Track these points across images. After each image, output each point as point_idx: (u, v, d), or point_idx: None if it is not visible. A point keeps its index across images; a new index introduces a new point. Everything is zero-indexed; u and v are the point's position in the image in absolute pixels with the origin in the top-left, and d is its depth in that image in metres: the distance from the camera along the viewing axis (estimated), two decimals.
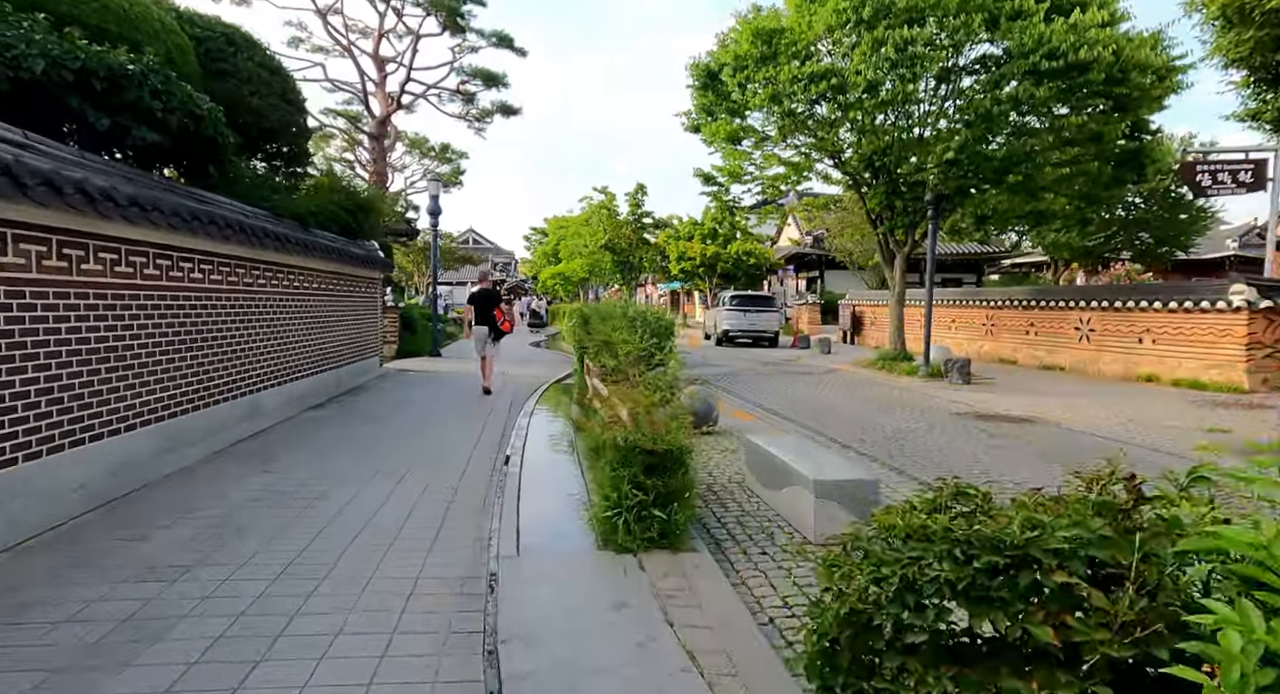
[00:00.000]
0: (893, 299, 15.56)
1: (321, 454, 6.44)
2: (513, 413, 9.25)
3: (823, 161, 15.49)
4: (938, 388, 12.39)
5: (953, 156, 11.51)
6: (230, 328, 7.15)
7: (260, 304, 7.91)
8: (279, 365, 8.46)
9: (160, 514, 4.60)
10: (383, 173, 18.79)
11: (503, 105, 19.67)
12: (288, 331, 8.75)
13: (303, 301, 9.27)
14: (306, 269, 9.32)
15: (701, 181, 16.99)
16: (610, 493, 4.37)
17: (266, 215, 8.50)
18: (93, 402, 4.97)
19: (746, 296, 24.63)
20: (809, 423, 8.81)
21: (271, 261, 8.16)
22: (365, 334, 12.54)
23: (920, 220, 14.65)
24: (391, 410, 9.09)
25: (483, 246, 68.17)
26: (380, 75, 18.34)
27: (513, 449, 7.05)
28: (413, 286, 43.21)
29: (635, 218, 28.86)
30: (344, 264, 10.76)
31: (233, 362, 7.18)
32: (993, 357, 16.36)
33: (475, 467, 6.20)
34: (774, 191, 16.04)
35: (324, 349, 10.15)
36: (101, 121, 5.61)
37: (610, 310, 11.08)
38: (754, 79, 13.21)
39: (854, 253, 29.92)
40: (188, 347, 6.27)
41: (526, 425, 8.44)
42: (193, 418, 6.32)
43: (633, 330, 7.67)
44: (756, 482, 5.61)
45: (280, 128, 9.98)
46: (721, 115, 15.33)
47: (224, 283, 7.01)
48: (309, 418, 8.29)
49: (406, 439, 7.28)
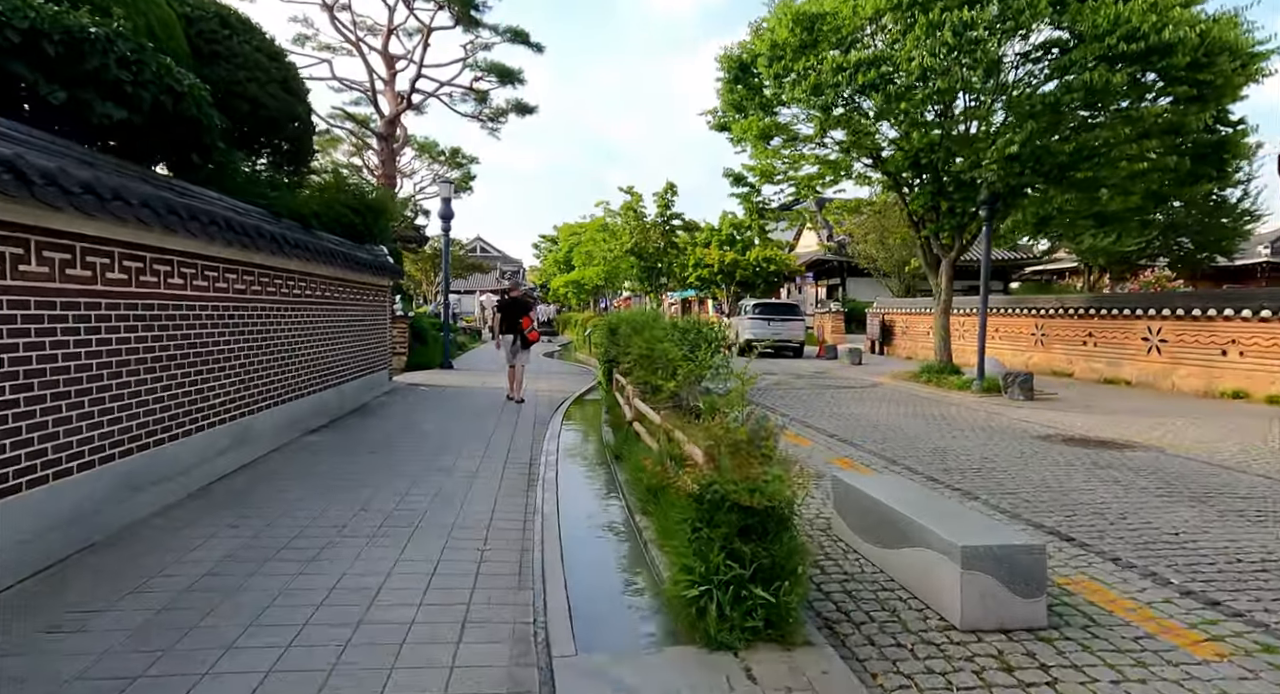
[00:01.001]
0: (938, 307, 14.47)
1: (318, 494, 5.41)
2: (537, 436, 8.22)
3: (859, 161, 14.46)
4: (998, 404, 11.28)
5: (1016, 151, 10.46)
6: (216, 342, 6.15)
7: (253, 314, 6.92)
8: (274, 384, 7.46)
9: (105, 587, 3.57)
10: (391, 175, 17.89)
11: (518, 103, 18.75)
12: (285, 345, 7.76)
13: (303, 311, 8.29)
14: (308, 274, 8.34)
15: (730, 182, 15.98)
16: (693, 562, 3.32)
17: (263, 214, 7.53)
18: (33, 437, 3.97)
19: (770, 305, 23.63)
20: (874, 447, 7.74)
21: (267, 266, 7.18)
22: (373, 346, 11.56)
23: (969, 222, 13.59)
24: (401, 434, 8.07)
25: (490, 255, 67.44)
26: (389, 73, 17.45)
27: (544, 484, 6.00)
28: (421, 294, 42.38)
29: (664, 219, 26.95)
30: (350, 270, 9.79)
31: (218, 381, 6.18)
32: (1044, 369, 15.24)
33: (503, 511, 5.16)
34: (809, 192, 15.02)
35: (327, 364, 9.15)
36: (56, 95, 4.64)
37: (644, 320, 10.06)
38: (792, 69, 12.21)
39: (878, 259, 28.84)
40: (162, 365, 5.27)
41: (556, 452, 7.40)
42: (166, 450, 5.30)
43: (684, 344, 6.61)
44: (854, 533, 4.55)
45: (281, 119, 9.03)
46: (753, 111, 14.33)
47: (210, 290, 6.02)
48: (307, 444, 7.27)
49: (418, 473, 6.25)
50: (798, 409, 10.77)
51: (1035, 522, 5.02)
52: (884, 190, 15.48)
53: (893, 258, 28.48)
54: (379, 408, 10.05)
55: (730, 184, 16.00)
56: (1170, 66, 9.92)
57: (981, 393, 12.33)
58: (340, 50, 18.02)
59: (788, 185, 15.73)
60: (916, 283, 29.50)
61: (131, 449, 4.92)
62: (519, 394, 10.94)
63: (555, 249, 45.94)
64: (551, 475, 6.39)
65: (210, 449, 6.05)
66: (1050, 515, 5.20)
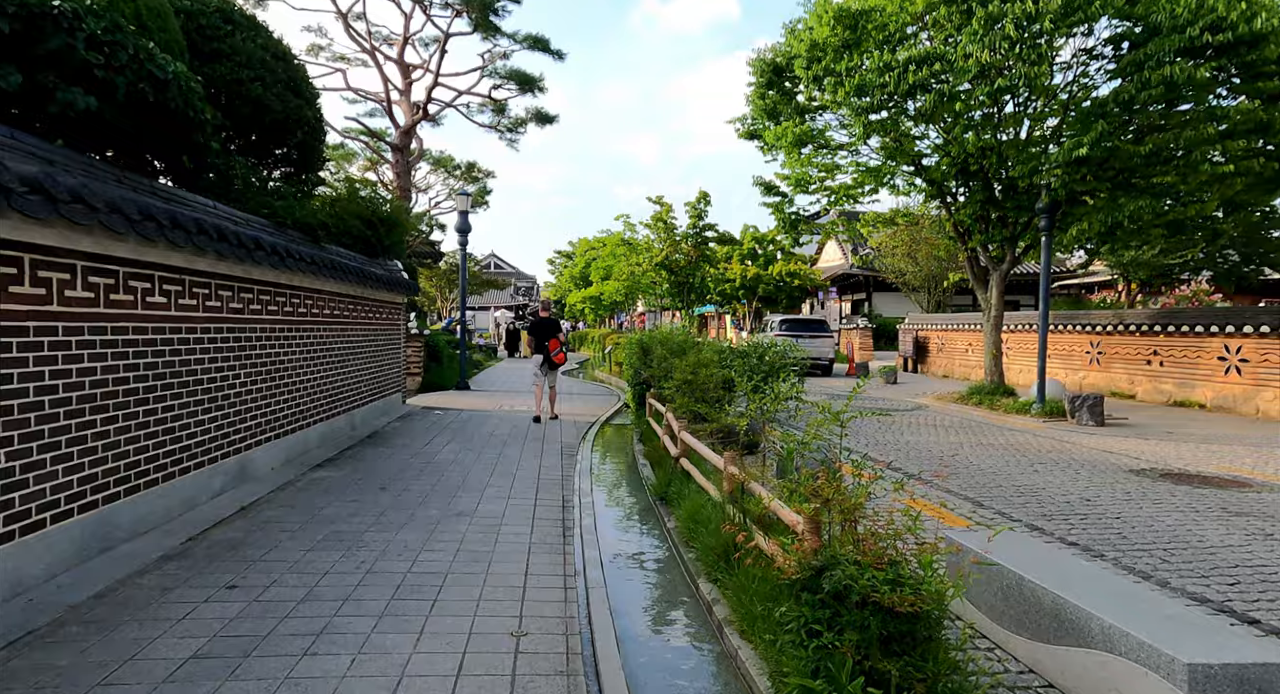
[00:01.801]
0: (987, 323, 13.50)
1: (319, 550, 4.57)
2: (567, 469, 7.35)
3: (901, 169, 13.59)
4: (1067, 431, 10.29)
5: (1085, 153, 9.56)
6: (207, 368, 5.36)
7: (252, 336, 6.14)
8: (277, 413, 6.67)
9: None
10: (406, 188, 17.25)
11: (538, 112, 18.06)
12: (289, 369, 6.98)
13: (310, 331, 7.52)
14: (315, 291, 7.58)
15: (761, 191, 15.17)
16: (815, 686, 2.43)
17: (265, 224, 6.79)
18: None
19: (798, 321, 22.69)
20: (951, 485, 6.80)
21: (268, 282, 6.42)
22: (387, 368, 10.79)
23: (1023, 232, 12.66)
24: (417, 467, 7.24)
25: (504, 271, 67.08)
26: (405, 83, 16.87)
27: (582, 535, 5.13)
28: (436, 311, 41.87)
29: (696, 231, 25.56)
30: (362, 286, 9.04)
31: (210, 413, 5.39)
32: (1101, 390, 14.18)
33: (539, 572, 4.29)
34: (846, 201, 14.17)
35: (337, 389, 8.37)
36: (10, 77, 3.90)
37: (682, 341, 9.21)
38: (833, 70, 11.41)
39: (908, 273, 27.87)
40: (138, 397, 4.48)
41: (590, 491, 6.53)
42: (143, 498, 4.50)
43: (745, 371, 5.74)
44: (982, 613, 3.63)
45: (287, 123, 8.33)
46: (787, 116, 13.55)
47: (199, 309, 5.25)
48: (313, 482, 6.45)
49: (437, 518, 5.39)
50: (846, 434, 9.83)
51: (1199, 594, 4.07)
52: (925, 200, 14.57)
53: (922, 271, 27.51)
54: (392, 435, 9.23)
55: (761, 193, 15.20)
56: (1260, 59, 9.02)
57: (1043, 417, 11.33)
58: (355, 61, 17.50)
59: (822, 195, 14.88)
60: (947, 298, 28.51)
61: (97, 501, 4.11)
62: (552, 411, 10.94)
63: (571, 264, 45.28)
64: (589, 521, 5.51)
65: (201, 492, 5.23)
66: (1214, 582, 4.24)
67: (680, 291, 26.60)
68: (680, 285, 26.30)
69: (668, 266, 25.66)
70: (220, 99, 7.34)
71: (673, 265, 25.69)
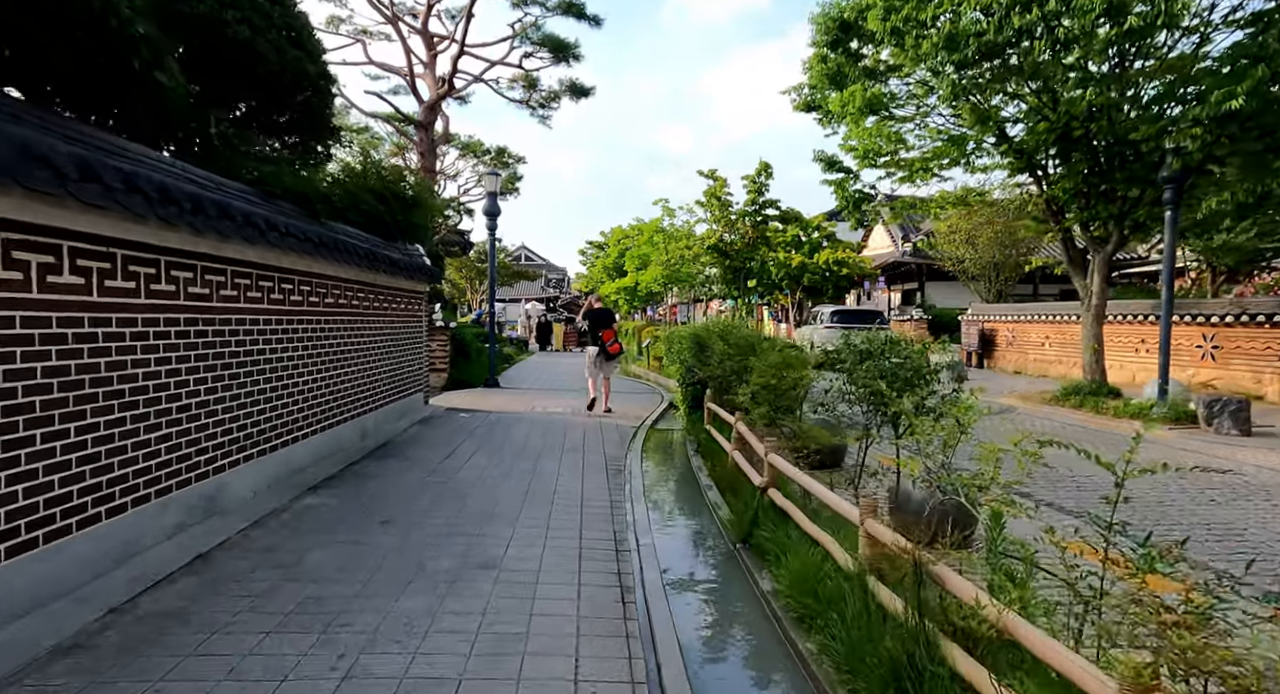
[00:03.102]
0: (1087, 314, 11.78)
1: (285, 632, 3.26)
2: (615, 493, 5.97)
3: (984, 138, 11.90)
4: (1205, 441, 8.61)
5: (1238, 105, 7.84)
6: (154, 372, 4.09)
7: (223, 330, 4.86)
8: (260, 425, 5.40)
9: None
10: (432, 169, 16.05)
11: (572, 84, 16.61)
12: (277, 370, 5.71)
13: (306, 324, 6.25)
14: (312, 276, 6.31)
15: (822, 167, 13.58)
16: None
17: (245, 191, 5.51)
18: None
19: (850, 312, 21.15)
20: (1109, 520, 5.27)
21: (247, 262, 5.14)
22: (406, 365, 9.54)
23: (1134, 209, 10.89)
24: (432, 491, 5.93)
25: (535, 263, 66.11)
26: (430, 54, 15.61)
27: (648, 607, 3.74)
28: (466, 303, 40.91)
29: (755, 208, 22.09)
30: (375, 271, 7.77)
31: (160, 430, 4.11)
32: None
33: (593, 683, 2.92)
34: (922, 176, 12.52)
35: (341, 392, 7.11)
36: None
37: (747, 336, 7.77)
38: (917, 19, 9.79)
39: (966, 260, 25.91)
40: (34, 416, 3.20)
41: (649, 529, 5.14)
42: (42, 557, 3.22)
43: (875, 377, 4.25)
44: None
45: (285, 78, 7.05)
46: (855, 79, 11.94)
47: (139, 295, 3.97)
48: (301, 514, 5.18)
49: (451, 573, 4.05)
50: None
51: None
52: (1010, 174, 12.84)
53: (983, 258, 25.54)
54: (409, 445, 7.97)
55: (822, 170, 13.61)
56: None
57: (1167, 423, 9.62)
58: (377, 34, 16.32)
59: (892, 171, 13.23)
60: (1009, 287, 26.48)
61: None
62: (605, 405, 10.70)
63: (604, 255, 43.89)
64: (655, 579, 4.12)
65: (145, 535, 3.97)
66: None
67: (735, 278, 23.37)
68: (735, 271, 23.11)
69: (721, 249, 22.52)
70: (194, 40, 6.07)
71: (727, 248, 22.53)
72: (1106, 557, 2.16)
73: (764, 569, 4.16)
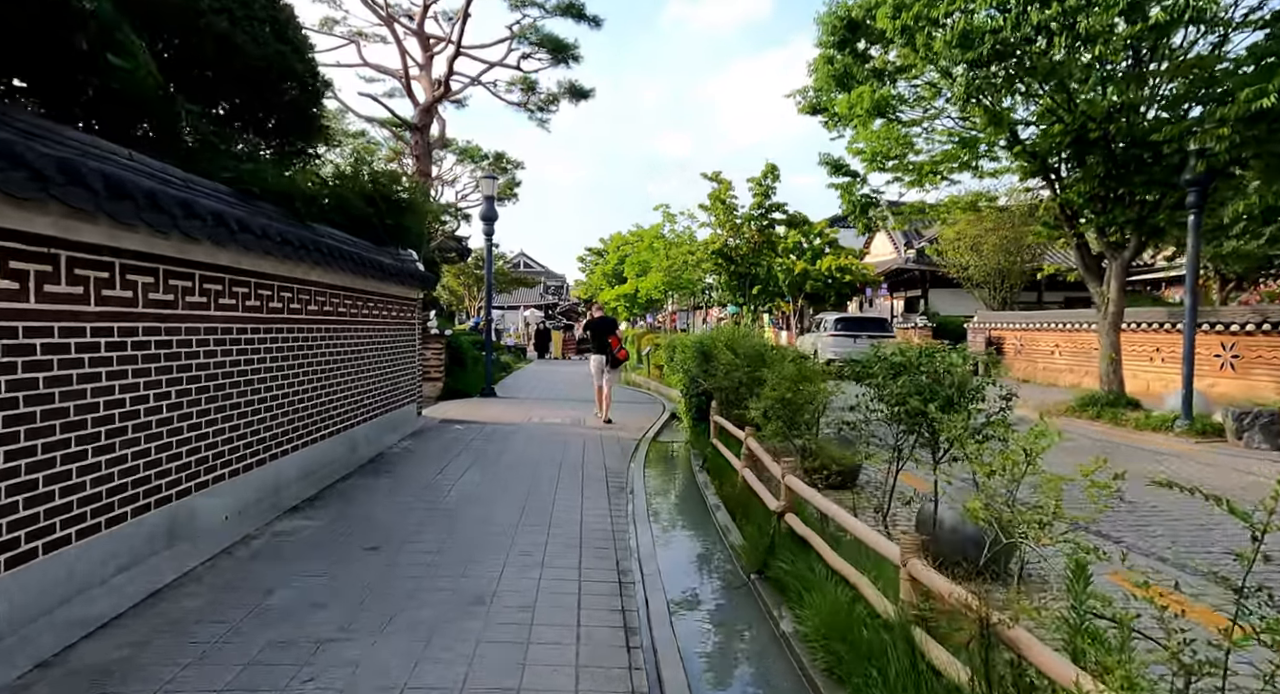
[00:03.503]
0: (1103, 322, 11.40)
1: (246, 680, 2.84)
2: (618, 515, 5.56)
3: (997, 140, 11.54)
4: (1234, 454, 8.21)
5: (1270, 103, 7.48)
6: (105, 387, 3.68)
7: (190, 340, 4.46)
8: (233, 442, 4.98)
9: None
10: (427, 173, 15.67)
11: (571, 86, 16.23)
12: (254, 382, 5.30)
13: (287, 333, 5.84)
14: (293, 282, 5.91)
15: (828, 170, 13.22)
16: None
17: (219, 190, 5.11)
18: None
19: (855, 319, 20.75)
20: (1150, 546, 4.88)
21: (218, 266, 4.74)
22: (398, 375, 9.13)
23: (1153, 213, 10.53)
24: (421, 514, 5.51)
25: (534, 270, 65.81)
26: (425, 56, 15.25)
27: (658, 652, 3.33)
28: (464, 311, 40.51)
29: (762, 212, 21.23)
30: (363, 277, 7.38)
31: (113, 451, 3.70)
32: (1237, 400, 11.96)
33: None
34: (930, 179, 12.15)
35: (327, 404, 6.70)
36: None
37: (755, 345, 7.38)
38: (929, 16, 9.44)
39: (970, 267, 25.55)
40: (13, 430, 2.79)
41: (654, 554, 4.72)
42: None
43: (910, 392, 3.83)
44: None
45: (267, 72, 6.67)
46: (863, 81, 11.60)
47: (91, 302, 3.57)
48: (276, 540, 4.76)
49: (438, 611, 3.63)
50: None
51: None
52: (1021, 178, 12.48)
53: (987, 265, 25.19)
54: (400, 460, 7.55)
55: (828, 174, 13.25)
56: None
57: (1192, 436, 9.22)
58: (372, 36, 15.97)
59: (899, 174, 12.87)
60: (1014, 294, 26.09)
61: None
62: (606, 414, 10.48)
63: (603, 262, 43.52)
64: (663, 617, 3.70)
65: (96, 570, 3.55)
66: None
67: (741, 285, 22.48)
68: (740, 277, 22.24)
69: (726, 254, 21.68)
70: (168, 33, 5.69)
71: (732, 253, 21.71)
72: (1234, 626, 1.75)
73: (783, 607, 3.74)
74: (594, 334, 10.86)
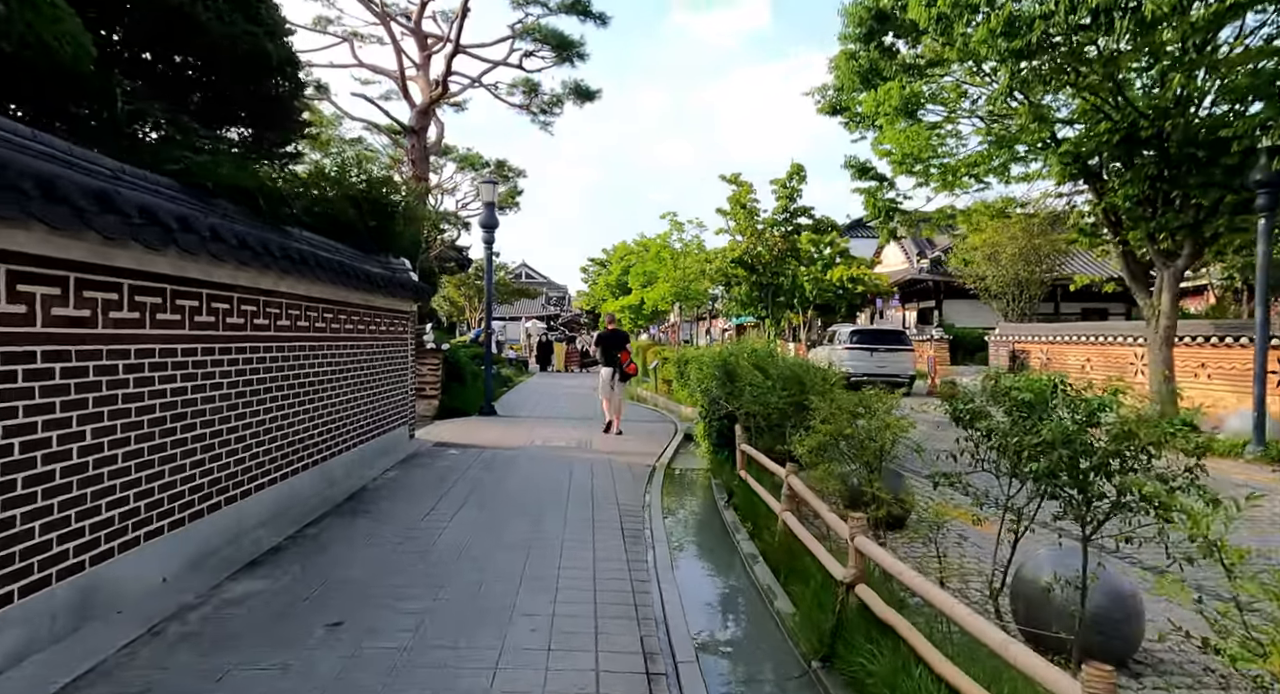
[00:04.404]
0: (1154, 336, 10.52)
1: None
2: (636, 567, 4.66)
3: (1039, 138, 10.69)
4: None
5: None
6: (14, 428, 2.82)
7: (119, 367, 3.60)
8: (178, 489, 4.10)
9: None
10: (424, 176, 14.88)
11: (576, 86, 15.42)
12: (203, 417, 4.43)
13: (249, 354, 4.98)
14: (261, 293, 5.06)
15: (853, 174, 12.41)
16: None
17: (164, 184, 4.27)
18: None
19: (872, 332, 19.83)
20: None
21: (158, 275, 3.89)
22: (388, 396, 8.27)
23: (1212, 217, 9.67)
24: (401, 573, 4.62)
25: (536, 281, 65.08)
26: (423, 56, 14.48)
27: None
28: (465, 322, 39.67)
29: (787, 216, 19.50)
30: (348, 288, 6.53)
31: (11, 510, 2.84)
32: None
33: None
34: (968, 179, 11.32)
35: (301, 433, 5.83)
36: None
37: (792, 365, 6.52)
38: (968, 2, 8.64)
39: (988, 277, 24.71)
40: None
41: (686, 630, 3.82)
42: None
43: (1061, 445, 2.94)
44: None
45: (236, 56, 5.86)
46: (892, 76, 10.80)
47: None
48: (218, 612, 3.86)
49: None
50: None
51: None
52: (1059, 182, 11.64)
53: (1006, 275, 24.34)
54: (385, 494, 6.66)
55: (853, 177, 12.44)
56: None
57: (1268, 463, 8.32)
58: (368, 37, 15.25)
59: (926, 178, 12.05)
60: (1032, 306, 25.20)
61: None
62: (617, 426, 10.52)
63: (606, 272, 42.69)
64: None
65: None
66: None
67: (763, 295, 20.60)
68: (763, 288, 20.36)
69: (747, 263, 19.85)
70: (113, 10, 4.88)
71: (755, 261, 19.83)
72: None
73: None
74: (605, 347, 10.76)
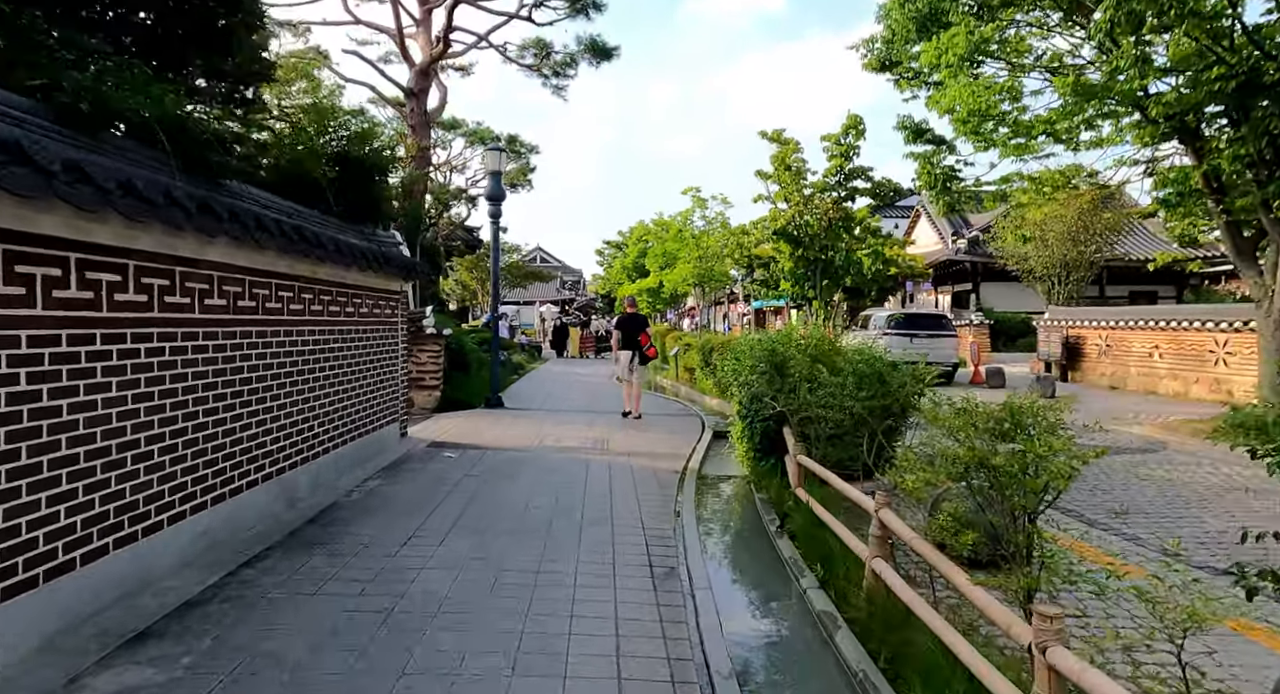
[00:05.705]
0: (1265, 319, 9.04)
1: None
2: (670, 633, 3.41)
3: (1135, 84, 9.15)
4: None
5: None
6: None
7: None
8: (43, 529, 2.89)
9: None
10: (426, 147, 13.60)
11: (592, 43, 13.94)
12: (103, 426, 3.21)
13: (161, 343, 3.76)
14: (177, 263, 3.82)
15: (907, 137, 10.97)
16: None
17: (28, 109, 3.03)
18: None
19: (911, 317, 18.50)
20: None
21: (40, 238, 2.65)
22: (371, 390, 7.07)
23: None
24: (358, 641, 3.40)
25: (550, 264, 63.89)
26: (423, 10, 13.14)
27: None
28: (478, 306, 38.54)
29: (840, 179, 15.73)
30: (311, 261, 5.29)
31: None
32: None
33: None
34: (1032, 147, 9.86)
35: (252, 441, 4.62)
36: None
37: (868, 358, 5.21)
38: None
39: (1031, 258, 23.06)
40: None
41: None
42: None
43: None
44: None
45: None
46: (959, 19, 9.31)
47: None
48: (129, 677, 2.67)
49: None
50: (1100, 513, 5.65)
51: None
52: (1145, 144, 10.13)
53: (1053, 256, 22.67)
54: (356, 516, 5.46)
55: (906, 141, 10.99)
56: None
57: None
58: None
59: (988, 142, 10.57)
60: (1079, 289, 23.50)
61: None
62: (636, 410, 10.45)
63: (622, 255, 41.26)
64: None
65: None
66: None
67: (810, 273, 17.30)
68: (812, 264, 17.01)
69: (793, 235, 16.50)
70: None
71: (801, 232, 16.50)
72: None
73: None
74: (625, 331, 10.69)
